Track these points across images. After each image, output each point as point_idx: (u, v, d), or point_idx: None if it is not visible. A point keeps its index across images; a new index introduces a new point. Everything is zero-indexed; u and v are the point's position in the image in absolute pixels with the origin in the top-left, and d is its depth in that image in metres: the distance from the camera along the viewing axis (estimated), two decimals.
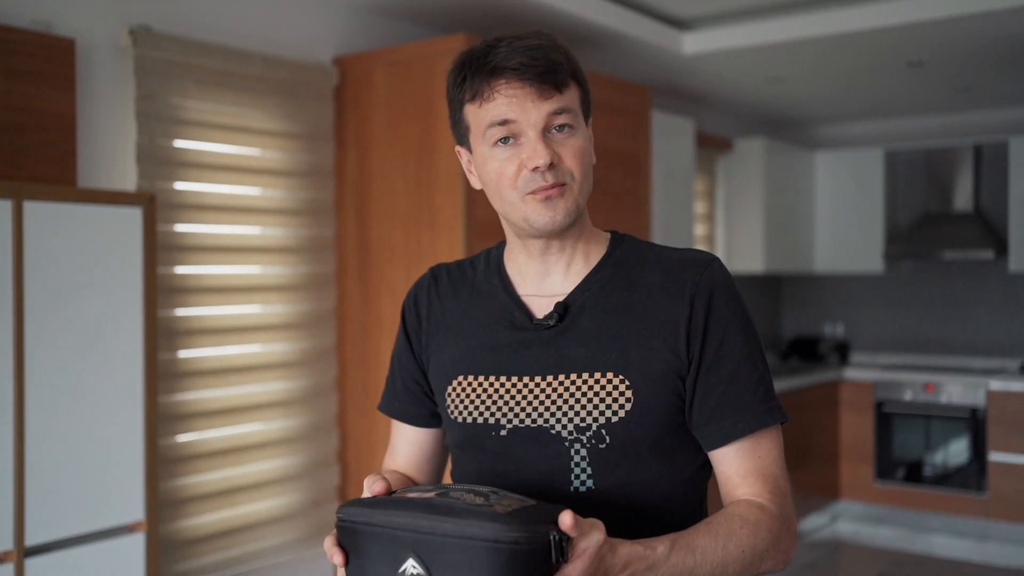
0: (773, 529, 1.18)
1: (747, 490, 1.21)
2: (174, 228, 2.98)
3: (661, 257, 1.30)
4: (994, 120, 6.01)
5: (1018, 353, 5.93)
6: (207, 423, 3.07)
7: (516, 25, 3.78)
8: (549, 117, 1.21)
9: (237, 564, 3.15)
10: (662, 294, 1.25)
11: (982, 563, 5.07)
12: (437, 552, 0.97)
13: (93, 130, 2.79)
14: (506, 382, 1.27)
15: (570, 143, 1.22)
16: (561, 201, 1.22)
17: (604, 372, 1.23)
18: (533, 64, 1.19)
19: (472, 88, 1.22)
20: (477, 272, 1.39)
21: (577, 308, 1.27)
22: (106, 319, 2.52)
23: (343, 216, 3.53)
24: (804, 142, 6.65)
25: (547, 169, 1.20)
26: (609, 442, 1.22)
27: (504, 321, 1.31)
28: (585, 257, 1.31)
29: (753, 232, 5.79)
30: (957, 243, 5.80)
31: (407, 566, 0.98)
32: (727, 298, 1.25)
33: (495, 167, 1.24)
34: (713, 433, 1.23)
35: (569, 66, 1.23)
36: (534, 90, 1.19)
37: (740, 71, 4.76)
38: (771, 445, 1.23)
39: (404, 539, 0.98)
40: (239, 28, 3.20)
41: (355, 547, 1.03)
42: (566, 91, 1.22)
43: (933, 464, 5.67)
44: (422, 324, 1.39)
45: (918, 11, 3.81)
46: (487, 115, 1.22)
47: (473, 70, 1.22)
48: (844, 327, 6.55)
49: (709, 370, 1.22)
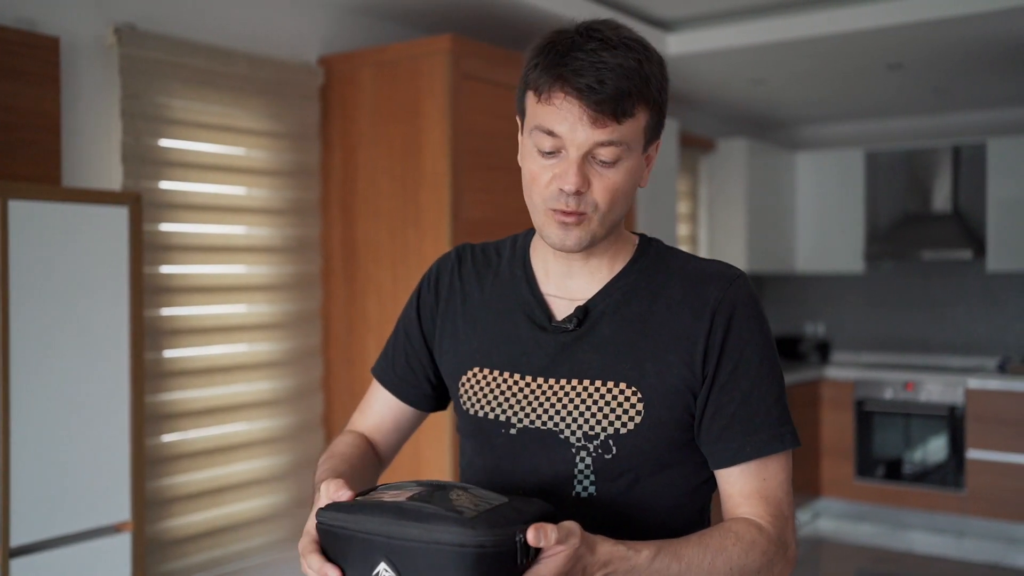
0: (767, 552, 1.16)
1: (748, 510, 1.20)
2: (159, 227, 2.97)
3: (686, 268, 1.28)
4: (972, 122, 6.08)
5: (996, 352, 6.00)
6: (193, 423, 3.07)
7: (502, 26, 3.79)
8: (595, 146, 1.16)
9: (223, 564, 3.14)
10: (683, 307, 1.23)
11: (960, 559, 5.13)
12: (407, 556, 0.99)
13: (78, 129, 2.78)
14: (520, 380, 1.27)
15: (608, 175, 1.18)
16: (576, 230, 1.19)
17: (617, 382, 1.22)
18: (599, 89, 1.13)
19: (537, 80, 1.18)
20: (502, 259, 1.37)
21: (597, 314, 1.26)
22: (92, 319, 2.52)
23: (329, 216, 3.53)
24: (786, 143, 6.70)
25: (572, 195, 1.17)
26: (616, 452, 1.21)
27: (524, 316, 1.29)
28: (611, 262, 1.29)
29: (735, 232, 5.83)
30: (936, 243, 5.86)
31: (379, 570, 1.00)
32: (748, 317, 1.23)
33: (532, 168, 1.21)
34: (721, 452, 1.21)
35: (644, 92, 1.17)
36: (590, 115, 1.14)
37: (723, 72, 4.79)
38: (778, 468, 1.21)
39: (376, 543, 1.01)
40: (224, 27, 3.20)
41: (335, 550, 1.05)
42: (626, 121, 1.16)
43: (912, 462, 5.73)
44: (439, 304, 1.38)
45: (898, 14, 3.86)
46: (539, 117, 1.18)
47: (548, 62, 1.17)
48: (825, 326, 6.61)
49: (723, 389, 1.21)
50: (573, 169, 1.16)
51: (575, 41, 1.17)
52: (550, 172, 1.18)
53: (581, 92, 1.14)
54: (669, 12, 4.16)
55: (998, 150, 5.69)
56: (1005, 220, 5.64)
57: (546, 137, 1.17)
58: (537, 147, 1.19)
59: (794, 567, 1.22)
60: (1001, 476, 5.34)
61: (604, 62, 1.14)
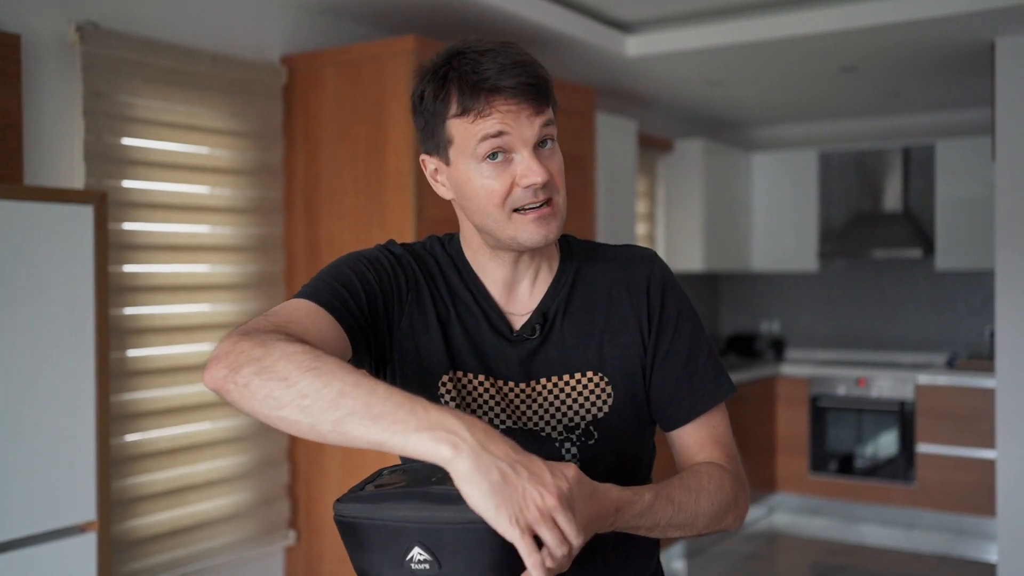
0: (734, 486, 1.27)
1: (704, 455, 1.30)
2: (122, 226, 2.96)
3: (609, 256, 1.37)
4: (922, 124, 6.22)
5: (945, 348, 6.15)
6: (156, 422, 3.06)
7: (464, 27, 3.81)
8: (541, 133, 1.21)
9: (187, 563, 3.14)
10: (620, 291, 1.33)
11: (910, 550, 5.25)
12: (441, 538, 1.00)
13: (39, 127, 2.76)
14: (496, 382, 1.30)
15: (555, 159, 1.25)
16: (553, 219, 1.24)
17: (584, 372, 1.30)
18: (529, 81, 1.19)
19: (463, 103, 1.20)
20: (441, 264, 1.35)
21: (552, 315, 1.32)
22: (57, 318, 2.50)
23: (291, 215, 3.53)
24: (742, 143, 6.80)
25: (542, 187, 1.21)
26: (597, 437, 1.28)
27: (487, 326, 1.32)
28: (548, 264, 1.35)
29: (692, 231, 5.91)
30: (887, 242, 6.00)
31: (413, 554, 1.01)
32: (674, 288, 1.35)
33: (482, 184, 1.22)
34: (675, 414, 1.31)
35: (547, 75, 1.24)
36: (530, 106, 1.20)
37: (681, 74, 4.86)
38: (722, 415, 1.33)
39: (407, 530, 1.01)
40: (187, 26, 3.19)
41: (357, 540, 1.05)
42: (550, 104, 1.24)
43: (864, 456, 5.85)
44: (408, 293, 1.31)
45: (852, 18, 3.95)
46: (480, 130, 1.19)
47: (461, 85, 1.20)
48: (780, 324, 6.72)
49: (666, 357, 1.31)
50: (535, 164, 1.20)
51: (472, 57, 1.20)
52: (506, 179, 1.21)
53: (515, 90, 1.19)
54: (628, 14, 4.21)
55: (947, 152, 5.83)
56: (953, 220, 5.78)
57: (494, 140, 1.19)
58: (483, 156, 1.20)
59: (749, 500, 1.32)
60: (950, 469, 5.48)
61: (512, 61, 1.20)
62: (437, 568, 1.00)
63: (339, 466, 3.41)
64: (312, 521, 3.50)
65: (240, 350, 1.03)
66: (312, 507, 3.50)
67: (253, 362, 1.01)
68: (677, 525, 1.19)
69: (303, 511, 3.52)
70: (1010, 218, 4.13)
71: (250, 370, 1.01)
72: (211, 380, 1.04)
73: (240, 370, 1.01)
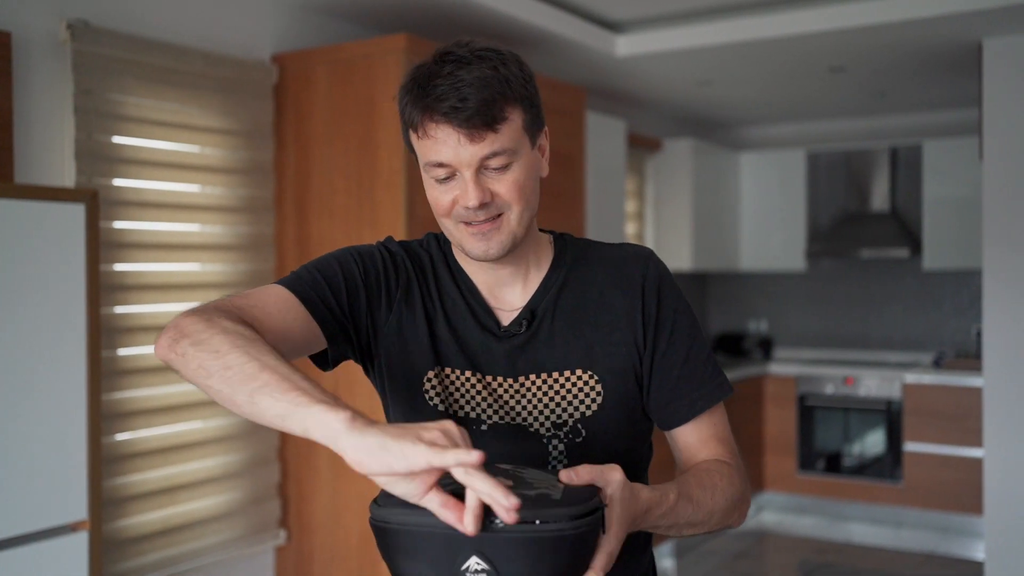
0: (741, 483, 1.29)
1: (708, 453, 1.31)
2: (113, 225, 2.95)
3: (603, 255, 1.36)
4: (909, 124, 6.26)
5: (931, 347, 6.19)
6: (147, 421, 3.05)
7: (455, 26, 3.82)
8: (482, 160, 1.19)
9: (178, 562, 3.13)
10: (614, 290, 1.32)
11: (897, 548, 5.29)
12: (500, 547, 0.96)
13: (30, 125, 2.75)
14: (484, 378, 1.31)
15: (506, 178, 1.21)
16: (496, 235, 1.23)
17: (573, 369, 1.30)
18: (463, 108, 1.16)
19: (411, 118, 1.22)
20: (435, 261, 1.37)
21: (541, 312, 1.32)
22: (48, 317, 2.49)
23: (282, 214, 3.53)
24: (730, 143, 6.83)
25: (479, 208, 1.21)
26: (585, 435, 1.28)
27: (474, 323, 1.33)
28: (536, 263, 1.35)
29: (681, 230, 5.93)
30: (874, 242, 6.03)
31: (471, 563, 0.96)
32: (671, 287, 1.34)
33: (432, 195, 1.25)
34: (674, 413, 1.31)
35: (507, 94, 1.19)
36: (465, 134, 1.17)
37: (670, 73, 4.87)
38: (722, 412, 1.34)
39: (463, 538, 0.96)
40: (178, 24, 3.18)
41: (403, 548, 1.00)
42: (502, 126, 1.19)
43: (852, 455, 5.89)
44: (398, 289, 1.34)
45: (840, 19, 3.97)
46: (423, 151, 1.22)
47: (413, 98, 1.20)
48: (768, 323, 6.75)
49: (664, 356, 1.31)
50: (470, 187, 1.19)
51: (432, 70, 1.20)
52: (450, 194, 1.22)
53: (447, 115, 1.17)
54: (618, 14, 4.23)
55: (934, 152, 5.87)
56: (940, 220, 5.82)
57: (437, 168, 1.21)
58: (433, 178, 1.23)
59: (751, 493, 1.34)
60: (936, 468, 5.52)
61: (461, 80, 1.17)
62: (495, 574, 0.96)
63: (329, 466, 3.41)
64: (302, 520, 3.49)
65: (184, 323, 1.12)
66: (302, 506, 3.49)
67: (193, 334, 1.09)
68: (694, 523, 1.21)
69: (293, 510, 3.52)
70: (997, 218, 4.16)
71: (188, 342, 1.09)
72: (158, 350, 1.13)
73: (180, 341, 1.10)
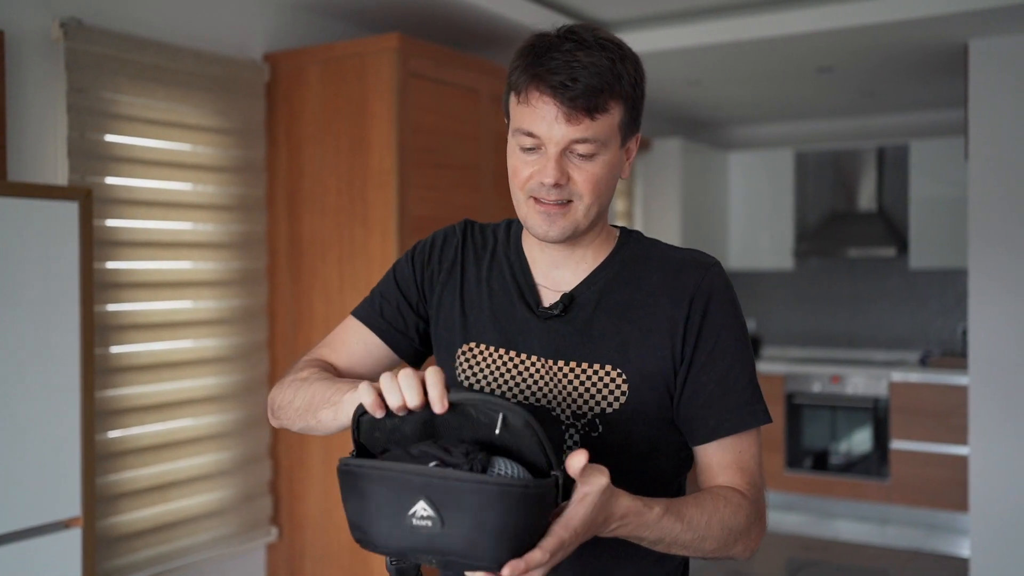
0: (750, 515, 1.24)
1: (725, 479, 1.28)
2: (105, 223, 2.96)
3: (664, 257, 1.35)
4: (896, 124, 6.31)
5: (918, 346, 6.24)
6: (139, 419, 3.06)
7: (447, 25, 3.83)
8: (571, 143, 1.22)
9: (171, 559, 3.14)
10: (663, 294, 1.30)
11: (884, 545, 5.33)
12: (448, 495, 0.97)
13: (23, 124, 2.76)
14: (515, 356, 1.33)
15: (587, 167, 1.24)
16: (561, 219, 1.26)
17: (603, 364, 1.29)
18: (572, 87, 1.19)
19: (517, 82, 1.25)
20: (498, 242, 1.43)
21: (582, 301, 1.33)
22: (42, 314, 2.50)
23: (274, 212, 3.54)
24: (719, 143, 6.86)
25: (552, 187, 1.23)
26: (601, 431, 1.28)
27: (517, 299, 1.36)
28: (595, 253, 1.36)
29: (670, 229, 5.96)
30: (862, 241, 6.07)
31: (417, 508, 0.98)
32: (723, 303, 1.30)
33: (514, 164, 1.28)
34: (699, 429, 1.28)
35: (615, 89, 1.23)
36: (564, 112, 1.20)
37: (659, 73, 4.90)
38: (751, 443, 1.29)
39: (414, 483, 0.98)
40: (171, 23, 3.19)
41: (359, 490, 1.02)
42: (601, 116, 1.22)
43: (839, 453, 5.93)
44: (441, 273, 1.43)
45: (828, 20, 4.00)
46: (519, 117, 1.25)
47: (526, 64, 1.24)
48: (756, 322, 6.78)
49: (701, 370, 1.28)
50: (552, 164, 1.23)
51: (553, 43, 1.23)
52: (531, 168, 1.26)
53: (555, 90, 1.20)
54: (608, 14, 4.25)
55: (920, 152, 5.91)
56: (926, 219, 5.87)
57: (526, 137, 1.24)
58: (519, 145, 1.26)
59: (765, 532, 1.30)
60: (923, 465, 5.56)
61: (578, 60, 1.20)
62: (439, 526, 0.98)
63: (321, 463, 3.42)
64: (294, 517, 3.51)
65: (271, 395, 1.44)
66: (294, 504, 3.51)
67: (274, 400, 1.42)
68: (683, 544, 1.18)
69: (285, 507, 3.53)
70: (982, 217, 4.20)
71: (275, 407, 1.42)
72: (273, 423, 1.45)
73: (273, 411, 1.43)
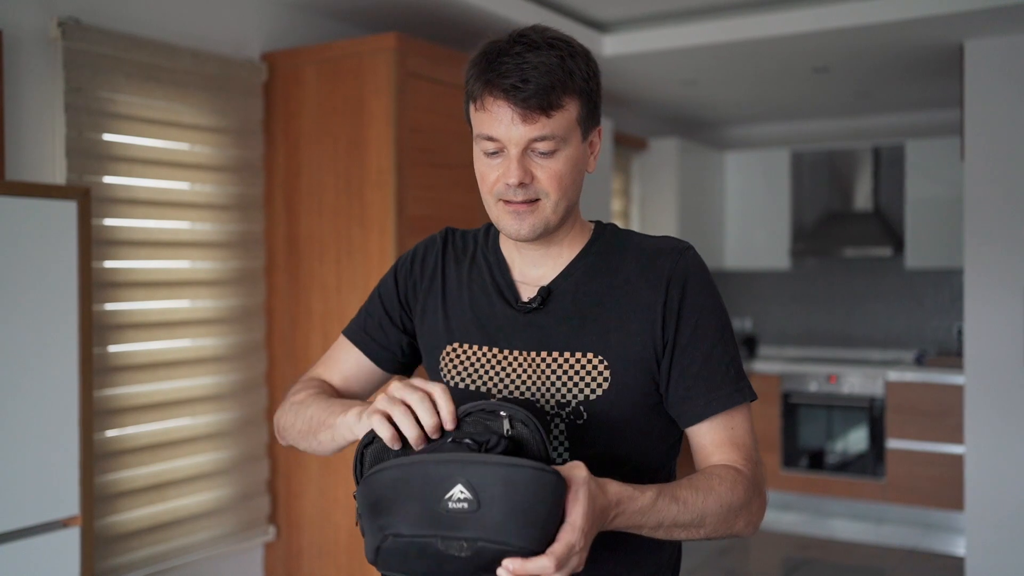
0: (748, 490, 1.25)
1: (721, 457, 1.29)
2: (103, 222, 2.96)
3: (639, 245, 1.38)
4: (892, 124, 6.32)
5: (914, 345, 6.26)
6: (137, 418, 3.06)
7: (444, 25, 3.84)
8: (530, 142, 1.26)
9: (168, 558, 3.14)
10: (640, 280, 1.33)
11: (880, 544, 5.34)
12: (485, 477, 1.01)
13: (21, 123, 2.76)
14: (498, 353, 1.36)
15: (549, 165, 1.27)
16: (530, 216, 1.30)
17: (584, 352, 1.31)
18: (523, 87, 1.23)
19: (472, 90, 1.29)
20: (477, 246, 1.47)
21: (559, 292, 1.36)
22: (40, 313, 2.50)
23: (272, 211, 3.54)
24: (715, 143, 6.87)
25: (518, 187, 1.27)
26: (587, 418, 1.29)
27: (496, 297, 1.39)
28: (569, 247, 1.39)
29: (666, 229, 5.97)
30: (858, 241, 6.08)
31: (455, 491, 1.01)
32: (700, 284, 1.33)
33: (480, 168, 1.33)
34: (688, 411, 1.30)
35: (568, 85, 1.25)
36: (520, 113, 1.24)
37: (656, 73, 4.91)
38: (742, 418, 1.32)
39: (452, 466, 1.02)
40: (168, 22, 3.19)
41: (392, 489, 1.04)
42: (556, 113, 1.25)
43: (835, 452, 5.94)
44: (423, 282, 1.47)
45: (824, 20, 4.01)
46: (478, 123, 1.29)
47: (479, 72, 1.27)
48: (752, 321, 6.80)
49: (684, 352, 1.30)
50: (514, 164, 1.26)
51: (503, 48, 1.26)
52: (496, 171, 1.29)
53: (507, 92, 1.24)
54: (605, 14, 4.26)
55: (916, 152, 5.93)
56: (922, 219, 5.88)
57: (487, 141, 1.28)
58: (483, 151, 1.30)
59: (766, 507, 1.31)
60: (918, 464, 5.57)
61: (527, 62, 1.24)
62: (476, 508, 1.01)
63: (318, 462, 3.43)
64: (292, 517, 3.51)
65: (276, 418, 1.50)
66: (292, 503, 3.51)
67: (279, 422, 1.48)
68: (683, 525, 1.19)
69: (283, 507, 3.53)
70: (978, 217, 4.22)
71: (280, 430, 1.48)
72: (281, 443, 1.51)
73: (279, 433, 1.49)
